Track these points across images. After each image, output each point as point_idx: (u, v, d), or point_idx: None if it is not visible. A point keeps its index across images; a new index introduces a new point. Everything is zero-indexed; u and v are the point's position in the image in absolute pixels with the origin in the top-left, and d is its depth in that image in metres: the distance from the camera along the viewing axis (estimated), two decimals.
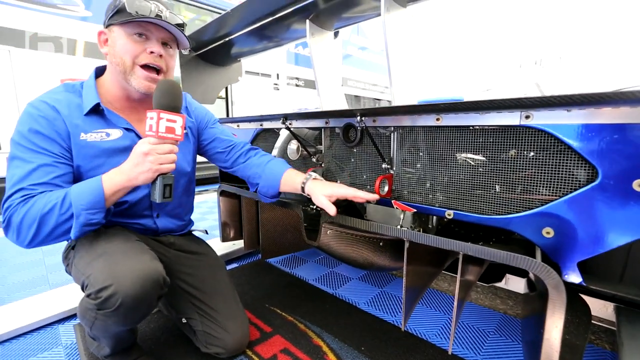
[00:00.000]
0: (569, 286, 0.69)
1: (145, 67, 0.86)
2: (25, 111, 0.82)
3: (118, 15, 0.83)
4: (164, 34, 0.88)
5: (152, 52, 0.85)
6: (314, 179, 0.99)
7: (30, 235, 0.74)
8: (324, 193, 0.92)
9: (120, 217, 0.95)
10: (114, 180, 0.79)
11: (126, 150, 0.91)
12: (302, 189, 0.99)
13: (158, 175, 0.81)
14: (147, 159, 0.77)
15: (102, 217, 0.79)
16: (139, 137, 0.94)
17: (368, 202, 0.97)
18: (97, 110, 0.89)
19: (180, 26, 0.89)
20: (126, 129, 0.93)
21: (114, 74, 0.89)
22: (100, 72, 0.95)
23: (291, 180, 1.03)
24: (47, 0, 3.41)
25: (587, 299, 0.88)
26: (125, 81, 0.87)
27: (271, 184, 1.07)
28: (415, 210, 0.98)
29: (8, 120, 3.26)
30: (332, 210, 0.90)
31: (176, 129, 0.80)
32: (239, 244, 1.92)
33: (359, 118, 0.94)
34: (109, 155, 0.90)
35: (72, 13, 3.57)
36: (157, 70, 0.89)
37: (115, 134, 0.91)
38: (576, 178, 0.71)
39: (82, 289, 0.81)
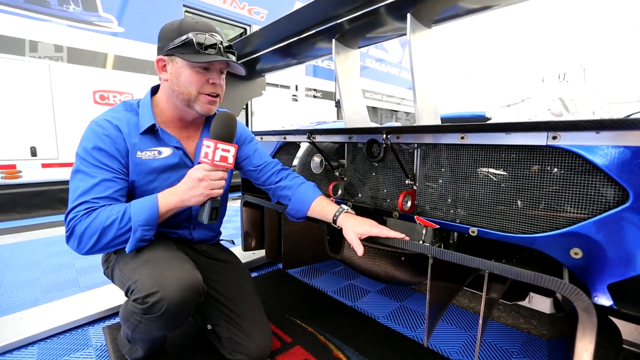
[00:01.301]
0: (599, 308, 0.68)
1: (207, 94, 0.94)
2: (91, 129, 0.90)
3: (183, 48, 0.89)
4: (223, 65, 0.95)
5: (213, 83, 0.93)
6: (345, 212, 1.02)
7: (91, 244, 0.81)
8: (356, 231, 0.95)
9: (160, 227, 1.00)
10: (168, 200, 0.87)
11: (174, 167, 1.00)
12: (334, 221, 1.03)
13: (208, 199, 0.88)
14: (201, 184, 0.85)
15: (153, 234, 0.87)
16: (186, 155, 1.02)
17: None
18: (152, 130, 0.96)
19: (233, 50, 0.95)
20: (176, 147, 1.00)
21: (171, 97, 0.96)
22: (154, 90, 1.02)
23: (321, 210, 1.07)
24: (85, 17, 3.64)
25: (618, 322, 0.86)
26: (187, 107, 0.95)
27: (299, 209, 1.11)
28: (438, 226, 0.99)
29: (45, 129, 3.46)
30: (360, 250, 0.93)
31: (229, 158, 0.88)
32: (259, 253, 1.96)
33: (384, 136, 0.96)
34: (160, 172, 0.97)
35: (106, 29, 3.79)
36: (216, 94, 0.96)
37: (166, 152, 0.98)
38: (605, 199, 0.71)
39: (127, 294, 0.86)
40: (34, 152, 3.41)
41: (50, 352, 1.20)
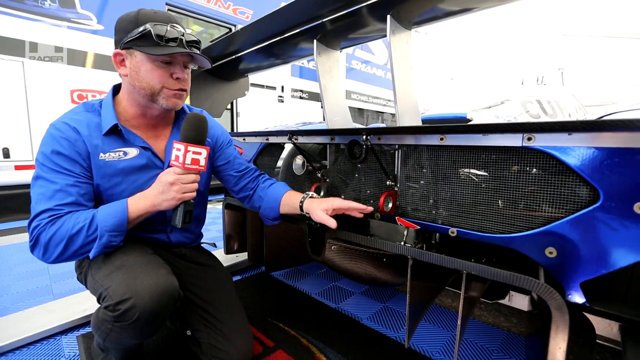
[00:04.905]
0: (573, 306, 0.70)
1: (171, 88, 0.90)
2: (48, 132, 0.85)
3: (141, 41, 0.84)
4: (187, 57, 0.91)
5: (177, 78, 0.89)
6: (310, 197, 1.03)
7: (57, 253, 0.78)
8: (321, 208, 0.96)
9: (136, 231, 0.97)
10: (139, 205, 0.84)
11: (142, 168, 0.95)
12: (301, 208, 1.02)
13: (181, 203, 0.86)
14: (173, 188, 0.83)
15: (120, 240, 0.84)
16: (155, 155, 0.98)
17: (364, 213, 1.00)
18: (115, 130, 0.91)
19: (197, 44, 0.91)
20: (142, 147, 0.95)
21: (132, 94, 0.91)
22: (117, 90, 0.97)
23: (290, 201, 1.07)
24: (61, 14, 3.51)
25: (592, 318, 0.88)
26: (151, 102, 0.90)
27: (272, 207, 1.11)
28: (419, 227, 0.99)
29: (19, 129, 3.32)
30: (332, 223, 0.93)
31: (200, 161, 0.86)
32: (242, 256, 1.93)
33: (364, 137, 0.96)
34: (127, 174, 0.93)
35: (85, 26, 3.67)
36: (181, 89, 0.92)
37: (132, 152, 0.94)
38: (578, 199, 0.72)
39: (99, 301, 0.83)
40: (6, 154, 3.26)
41: None
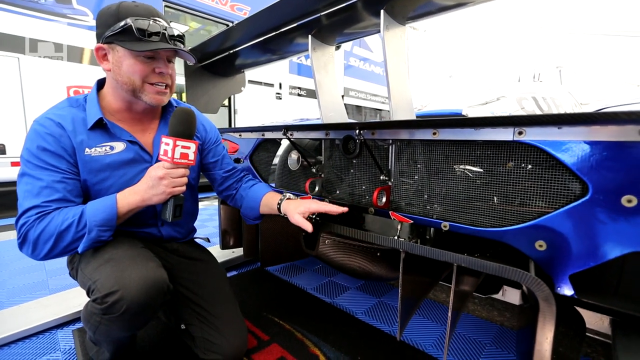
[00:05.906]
0: (563, 299, 0.71)
1: (153, 84, 0.90)
2: (33, 129, 0.85)
3: (123, 35, 0.83)
4: (170, 53, 0.91)
5: (160, 72, 0.89)
6: (287, 198, 1.04)
7: (46, 249, 0.79)
8: (298, 211, 0.96)
9: (127, 226, 0.97)
10: (128, 200, 0.85)
11: (130, 162, 0.95)
12: (279, 209, 1.03)
13: (171, 197, 0.87)
14: (162, 183, 0.84)
15: (110, 235, 0.84)
16: (142, 149, 0.98)
17: (340, 213, 1.01)
18: (100, 124, 0.91)
19: (181, 38, 0.91)
20: (129, 141, 0.95)
21: (116, 88, 0.91)
22: (101, 84, 0.97)
23: (268, 202, 1.08)
24: (57, 9, 3.49)
25: (584, 312, 0.89)
26: (134, 97, 0.90)
27: (252, 207, 1.12)
28: (412, 221, 1.00)
29: (15, 125, 3.30)
30: (308, 227, 0.93)
31: (189, 155, 0.87)
32: (238, 251, 1.94)
33: (357, 131, 0.96)
34: (114, 169, 0.93)
35: (81, 22, 3.65)
36: (165, 85, 0.92)
37: (119, 146, 0.93)
38: (567, 193, 0.73)
39: (88, 294, 0.83)
40: (2, 150, 3.25)
41: (14, 357, 1.14)
